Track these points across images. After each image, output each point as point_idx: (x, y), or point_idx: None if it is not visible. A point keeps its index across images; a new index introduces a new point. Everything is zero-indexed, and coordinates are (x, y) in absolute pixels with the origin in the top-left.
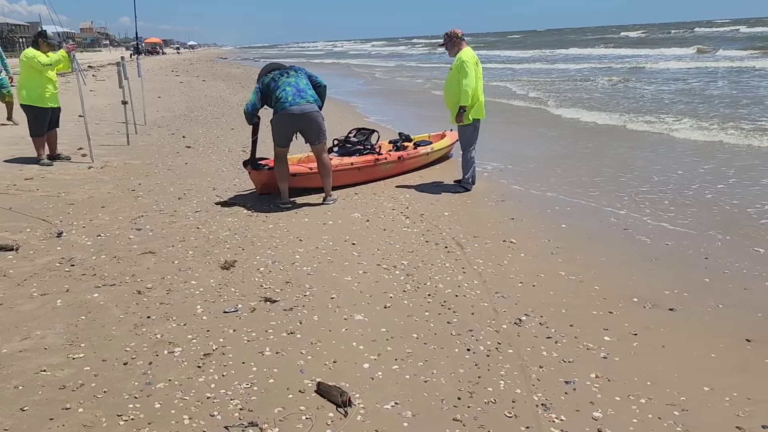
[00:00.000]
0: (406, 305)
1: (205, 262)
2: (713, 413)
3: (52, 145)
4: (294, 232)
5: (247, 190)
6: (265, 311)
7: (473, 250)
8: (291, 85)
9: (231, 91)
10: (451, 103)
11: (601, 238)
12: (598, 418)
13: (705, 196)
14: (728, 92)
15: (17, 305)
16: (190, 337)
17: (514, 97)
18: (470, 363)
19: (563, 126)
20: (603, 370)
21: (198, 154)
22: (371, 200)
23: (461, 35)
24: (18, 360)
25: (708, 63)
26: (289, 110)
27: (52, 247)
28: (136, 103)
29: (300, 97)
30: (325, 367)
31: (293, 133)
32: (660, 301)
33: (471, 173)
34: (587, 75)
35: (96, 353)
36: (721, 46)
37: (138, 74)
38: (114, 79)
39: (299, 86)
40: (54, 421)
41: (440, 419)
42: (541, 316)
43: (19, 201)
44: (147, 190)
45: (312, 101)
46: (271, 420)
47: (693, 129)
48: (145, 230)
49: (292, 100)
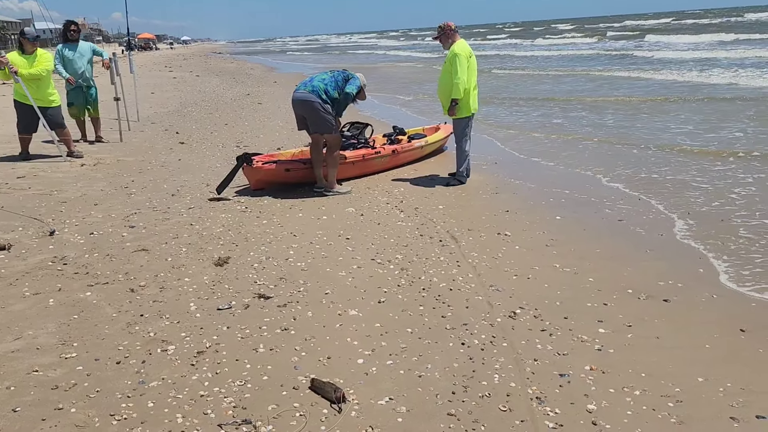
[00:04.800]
0: (400, 300)
1: (198, 259)
2: (707, 404)
3: (68, 141)
4: (288, 228)
5: (241, 185)
6: (258, 308)
7: (468, 243)
8: (312, 77)
9: (225, 86)
10: (443, 95)
11: (595, 230)
12: (593, 410)
13: (700, 186)
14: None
15: (9, 305)
16: (183, 335)
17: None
18: (465, 357)
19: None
20: (597, 362)
21: (191, 150)
22: (365, 194)
23: (455, 28)
24: (10, 360)
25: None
26: (294, 95)
27: (45, 246)
28: (128, 99)
29: (304, 85)
30: (319, 363)
31: (301, 118)
32: (654, 292)
33: (465, 166)
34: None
35: (89, 352)
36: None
37: (130, 70)
38: (106, 75)
39: (318, 77)
40: (46, 422)
41: (435, 414)
42: (536, 308)
43: (11, 200)
44: (140, 187)
45: (309, 90)
46: (265, 417)
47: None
48: (138, 227)
49: (300, 86)
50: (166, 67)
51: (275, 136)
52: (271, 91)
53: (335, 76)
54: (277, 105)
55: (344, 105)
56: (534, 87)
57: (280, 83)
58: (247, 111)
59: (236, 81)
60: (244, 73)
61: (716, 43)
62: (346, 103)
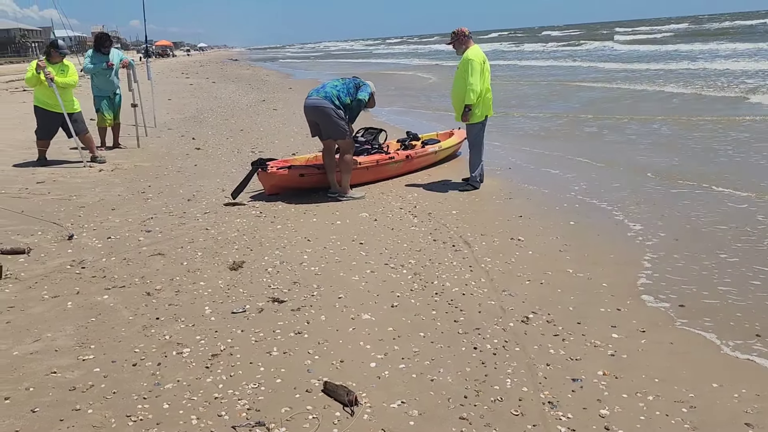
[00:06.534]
0: (413, 304)
1: (213, 263)
2: (722, 410)
3: (92, 147)
4: (302, 233)
5: (255, 191)
6: (272, 311)
7: (481, 248)
8: (324, 84)
9: (241, 92)
10: (457, 101)
11: (609, 235)
12: (606, 415)
13: (717, 192)
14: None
15: (28, 307)
16: (198, 338)
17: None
18: (477, 361)
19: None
20: (611, 367)
21: (207, 155)
22: (379, 199)
23: (468, 33)
24: (29, 362)
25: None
26: (306, 101)
27: (63, 250)
28: (146, 105)
29: (317, 92)
30: (332, 367)
31: (314, 125)
32: (668, 297)
33: (479, 171)
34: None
35: (106, 355)
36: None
37: (148, 77)
38: (124, 81)
39: (330, 83)
40: (64, 422)
41: (447, 418)
42: (549, 313)
43: (31, 204)
44: (157, 192)
45: (322, 96)
46: (278, 420)
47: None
48: (154, 232)
49: (311, 93)
50: (183, 73)
51: (290, 141)
52: (286, 97)
53: (347, 84)
54: (292, 111)
55: (357, 111)
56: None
57: (295, 89)
58: (263, 117)
59: (252, 87)
60: (260, 80)
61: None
62: (359, 109)
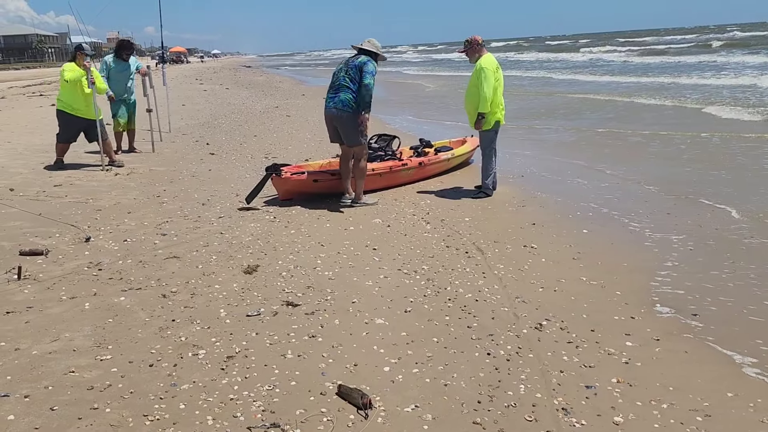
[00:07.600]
0: (426, 309)
1: (228, 267)
2: (737, 419)
3: (110, 152)
4: (316, 238)
5: (269, 196)
6: (287, 315)
7: (494, 255)
8: (334, 83)
9: (254, 98)
10: (470, 108)
11: (623, 243)
12: (619, 422)
13: (728, 198)
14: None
15: (47, 308)
16: (213, 340)
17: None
18: (490, 367)
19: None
20: (624, 374)
21: (221, 160)
22: (392, 206)
23: (482, 42)
24: (48, 361)
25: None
26: (325, 111)
27: (81, 252)
28: (161, 111)
29: (332, 100)
30: (346, 370)
31: (334, 130)
32: (683, 306)
33: (492, 179)
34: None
35: (123, 355)
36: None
37: (163, 83)
38: (139, 87)
39: (340, 84)
40: (82, 421)
41: (460, 422)
42: (562, 321)
43: (48, 207)
44: (172, 196)
45: (341, 106)
46: (293, 421)
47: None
48: (170, 235)
49: (329, 101)
50: (197, 79)
51: (303, 147)
52: (299, 104)
53: (352, 77)
54: (305, 117)
55: (368, 98)
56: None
57: (308, 96)
58: (276, 123)
59: (265, 94)
60: (273, 86)
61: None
62: (369, 95)
